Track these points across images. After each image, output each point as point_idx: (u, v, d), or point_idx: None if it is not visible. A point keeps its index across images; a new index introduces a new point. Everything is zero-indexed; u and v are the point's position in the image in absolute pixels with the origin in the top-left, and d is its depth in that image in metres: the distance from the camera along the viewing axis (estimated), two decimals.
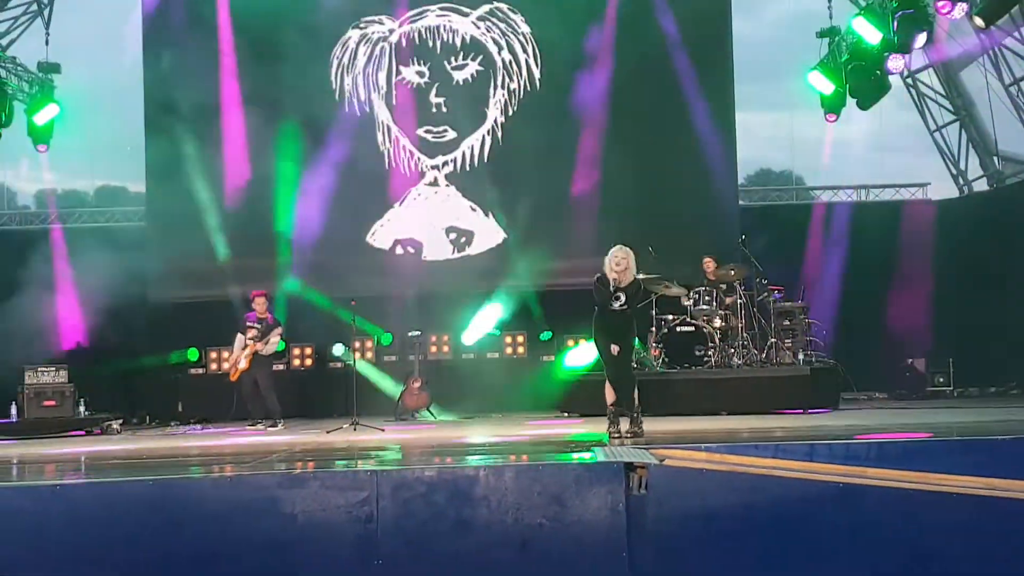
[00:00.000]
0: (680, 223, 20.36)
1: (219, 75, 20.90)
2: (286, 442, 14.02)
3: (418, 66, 21.49)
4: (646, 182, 20.76)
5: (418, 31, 21.51)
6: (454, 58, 21.46)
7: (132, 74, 21.21)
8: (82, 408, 17.84)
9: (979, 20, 17.37)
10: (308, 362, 20.95)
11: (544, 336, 20.80)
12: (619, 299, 12.31)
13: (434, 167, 21.45)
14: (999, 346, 20.03)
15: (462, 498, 8.85)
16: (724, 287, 17.73)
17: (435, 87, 21.43)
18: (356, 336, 18.65)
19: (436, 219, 21.47)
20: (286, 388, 18.53)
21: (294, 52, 20.51)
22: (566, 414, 17.38)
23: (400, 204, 21.44)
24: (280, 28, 20.54)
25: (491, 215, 21.25)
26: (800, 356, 17.73)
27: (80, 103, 20.23)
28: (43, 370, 17.81)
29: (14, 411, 17.59)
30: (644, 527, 8.82)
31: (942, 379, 20.47)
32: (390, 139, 21.47)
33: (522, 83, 21.45)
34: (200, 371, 20.76)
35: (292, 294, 20.27)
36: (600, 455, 9.78)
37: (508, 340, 20.93)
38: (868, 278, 20.64)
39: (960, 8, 16.85)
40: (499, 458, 10.58)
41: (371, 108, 21.51)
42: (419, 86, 21.49)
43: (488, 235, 21.32)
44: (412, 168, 21.47)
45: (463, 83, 21.49)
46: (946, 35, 20.15)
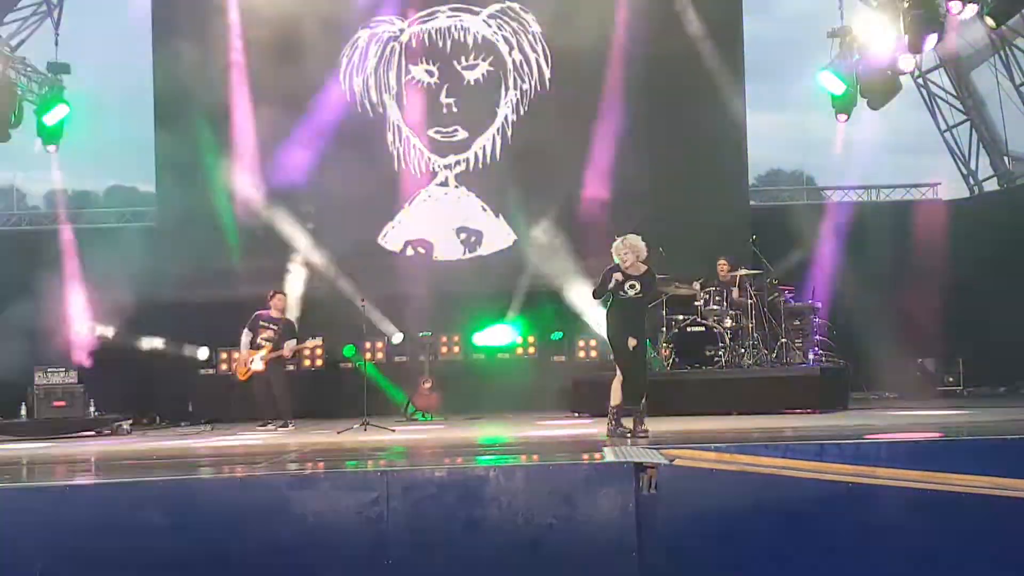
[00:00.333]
0: (691, 223, 20.32)
1: (229, 75, 20.91)
2: (296, 442, 14.03)
3: (428, 66, 21.48)
4: (657, 182, 20.77)
5: (428, 31, 21.50)
6: (464, 58, 21.45)
7: (142, 74, 21.23)
8: (92, 408, 17.89)
9: (990, 20, 17.33)
10: (319, 362, 20.98)
11: (555, 336, 20.80)
12: (634, 287, 12.21)
13: (445, 167, 21.45)
14: (1009, 346, 19.97)
15: (472, 498, 8.84)
16: (735, 287, 17.73)
17: (446, 87, 21.42)
18: (366, 336, 18.68)
19: (446, 220, 21.47)
20: (297, 388, 18.53)
21: (304, 51, 20.57)
22: (577, 414, 17.37)
23: (410, 205, 21.43)
24: (290, 27, 20.55)
25: (501, 215, 21.24)
26: (810, 356, 17.74)
27: (90, 103, 20.26)
28: (53, 370, 17.87)
29: (24, 411, 17.64)
30: (654, 527, 8.80)
31: (952, 379, 20.47)
32: (400, 139, 21.47)
33: (533, 83, 21.44)
34: (211, 371, 20.79)
35: (307, 294, 20.26)
36: (610, 455, 9.77)
37: (518, 340, 20.92)
38: (878, 278, 20.57)
39: (971, 8, 16.82)
40: (509, 458, 10.58)
41: (382, 108, 21.52)
42: (429, 86, 21.48)
43: (498, 236, 21.31)
44: (423, 169, 21.46)
45: (474, 83, 21.49)
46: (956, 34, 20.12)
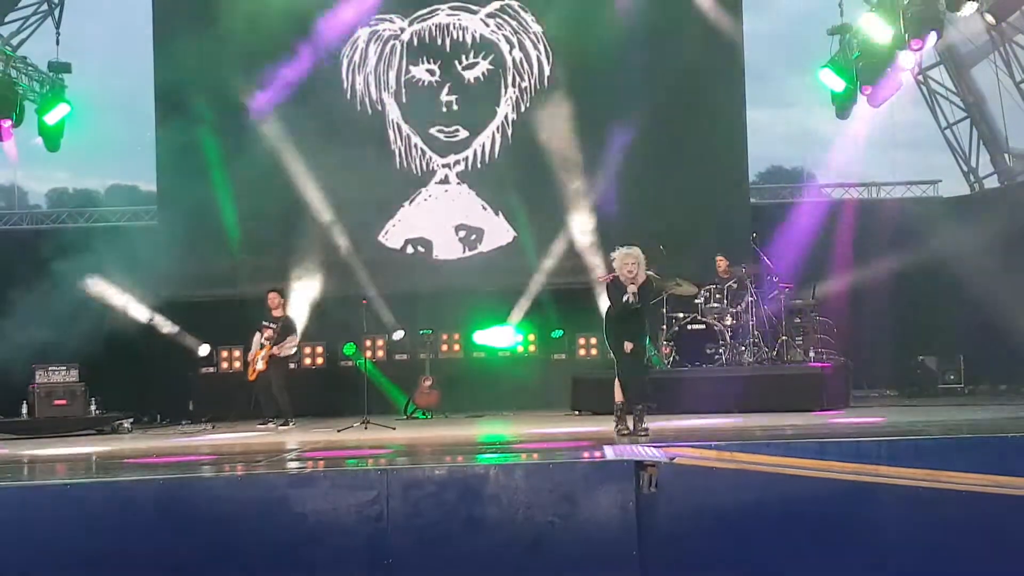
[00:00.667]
0: (691, 220, 20.31)
1: (230, 73, 20.87)
2: (297, 441, 14.04)
3: (428, 64, 21.48)
4: (657, 179, 20.77)
5: (428, 29, 21.49)
6: (465, 56, 21.44)
7: (143, 73, 21.24)
8: (93, 407, 17.91)
9: (990, 16, 17.33)
10: (319, 361, 20.99)
11: (555, 334, 20.82)
12: (635, 295, 12.35)
13: (445, 166, 21.44)
14: (1010, 343, 19.96)
15: (472, 497, 8.86)
16: (735, 285, 17.74)
17: (446, 86, 21.42)
18: (366, 335, 18.70)
19: (447, 217, 21.46)
20: (297, 387, 18.51)
21: (304, 50, 20.60)
22: (577, 412, 17.38)
23: (411, 203, 21.43)
24: (291, 26, 20.57)
25: (501, 213, 21.24)
26: (811, 354, 17.74)
27: (91, 102, 20.26)
28: (54, 369, 17.88)
29: (25, 410, 17.66)
30: (654, 525, 8.82)
31: (953, 376, 20.44)
32: (401, 138, 21.47)
33: (533, 81, 21.44)
34: (211, 370, 20.80)
35: (308, 296, 20.30)
36: (610, 453, 9.78)
37: (519, 338, 20.95)
38: (878, 275, 20.58)
39: (971, 5, 16.81)
40: (509, 457, 10.59)
41: (382, 107, 21.51)
42: (430, 84, 21.48)
43: (498, 233, 21.30)
44: (423, 167, 21.46)
45: (474, 81, 21.48)
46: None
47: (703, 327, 17.43)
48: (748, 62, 21.38)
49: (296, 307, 19.40)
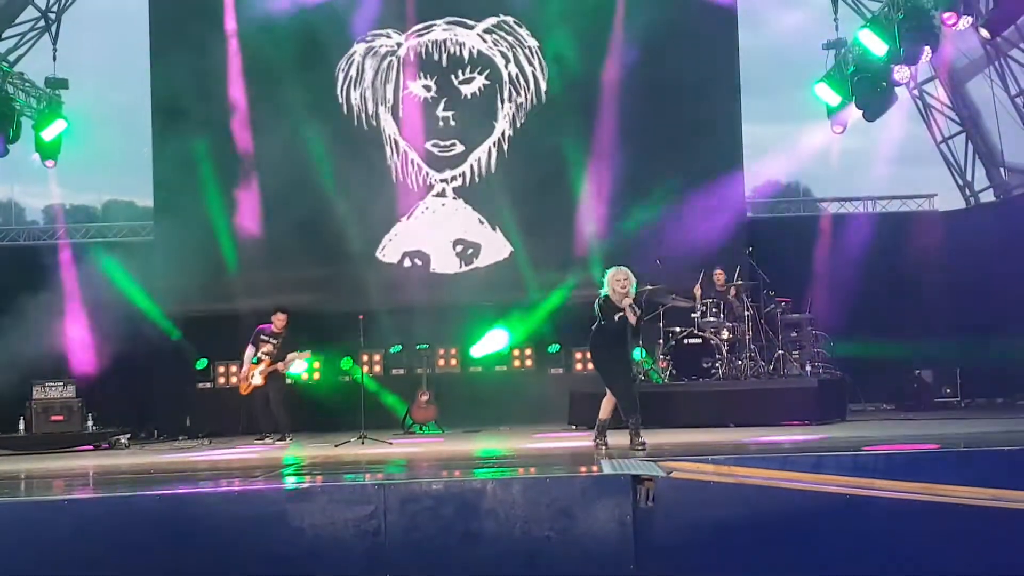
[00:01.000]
0: (687, 235, 20.31)
1: (227, 89, 20.91)
2: (294, 456, 14.03)
3: (425, 80, 21.51)
4: (654, 193, 20.75)
5: (425, 45, 21.52)
6: (461, 72, 21.47)
7: (140, 89, 21.24)
8: (90, 423, 17.92)
9: (985, 31, 17.36)
10: (316, 376, 20.97)
11: (552, 349, 20.83)
12: (621, 317, 12.44)
13: (442, 181, 21.45)
14: (1006, 357, 19.98)
15: (469, 511, 8.86)
16: (732, 299, 17.76)
17: (443, 101, 21.44)
18: (364, 350, 18.70)
19: (444, 232, 21.46)
20: (294, 402, 18.49)
21: (301, 66, 20.65)
22: (574, 427, 17.37)
23: (408, 218, 21.44)
24: (287, 42, 20.62)
25: (498, 228, 21.25)
26: (807, 367, 17.76)
27: (88, 118, 20.28)
28: (51, 385, 17.89)
29: (22, 426, 17.65)
30: (651, 540, 8.82)
31: (949, 390, 20.44)
32: (398, 153, 21.49)
33: (529, 96, 21.47)
34: (208, 385, 20.80)
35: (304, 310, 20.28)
36: (607, 468, 9.78)
37: (516, 353, 21.00)
38: (875, 289, 20.60)
39: (966, 20, 16.86)
40: (507, 471, 10.59)
41: (378, 122, 21.53)
42: (427, 100, 21.51)
43: (495, 248, 21.31)
44: (420, 182, 21.47)
45: (471, 97, 21.50)
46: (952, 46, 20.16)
47: (700, 341, 17.44)
48: (744, 77, 21.41)
49: (293, 322, 19.38)
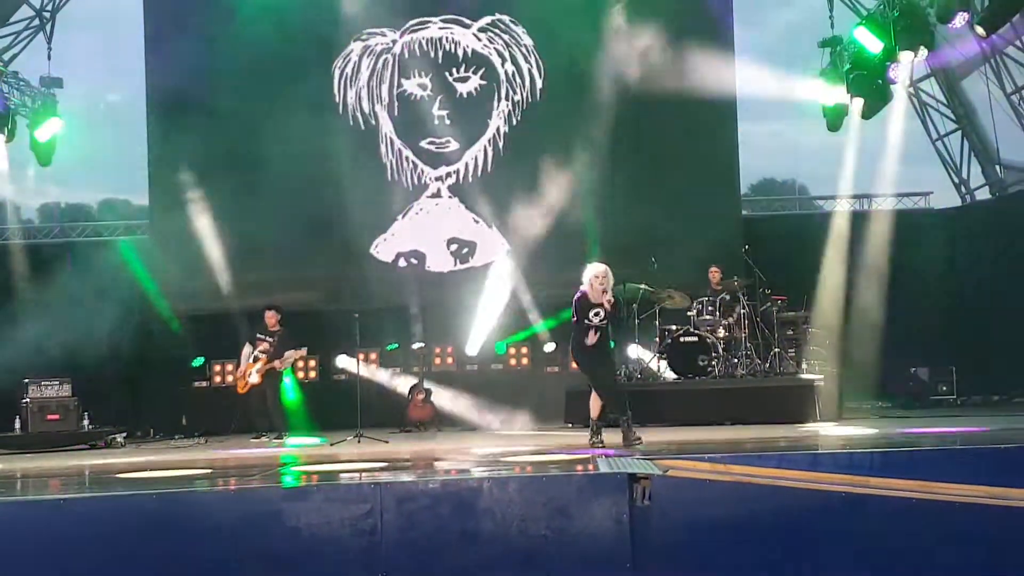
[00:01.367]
0: (683, 233, 20.27)
1: (222, 87, 20.87)
2: (290, 454, 14.02)
3: (420, 78, 21.50)
4: (649, 192, 20.76)
5: (420, 43, 21.51)
6: (456, 70, 21.47)
7: (134, 88, 21.25)
8: (86, 422, 17.88)
9: (980, 29, 17.37)
10: (312, 374, 20.96)
11: (548, 348, 20.81)
12: (599, 314, 12.47)
13: (437, 179, 21.45)
14: (1002, 354, 20.01)
15: (466, 510, 8.83)
16: (727, 297, 17.76)
17: (438, 99, 21.43)
18: (360, 348, 18.69)
19: (438, 231, 21.46)
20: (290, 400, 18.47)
21: (297, 64, 20.63)
22: (571, 425, 17.37)
23: (403, 216, 21.43)
24: (283, 40, 20.57)
25: (493, 226, 21.25)
26: (803, 365, 17.76)
27: (83, 117, 20.26)
28: (47, 383, 17.84)
29: (18, 425, 17.61)
30: (648, 538, 8.80)
31: (945, 387, 20.48)
32: (393, 151, 21.47)
33: (525, 94, 21.46)
34: (204, 384, 20.78)
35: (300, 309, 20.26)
36: (604, 466, 9.77)
37: (512, 351, 20.97)
38: (871, 287, 20.62)
39: (961, 17, 16.87)
40: (503, 469, 10.58)
41: (374, 120, 21.52)
42: (422, 98, 21.50)
43: (490, 246, 21.30)
44: (415, 180, 21.46)
45: (466, 95, 21.49)
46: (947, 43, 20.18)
47: (696, 339, 17.44)
48: (740, 74, 21.39)
49: (289, 321, 19.36)
